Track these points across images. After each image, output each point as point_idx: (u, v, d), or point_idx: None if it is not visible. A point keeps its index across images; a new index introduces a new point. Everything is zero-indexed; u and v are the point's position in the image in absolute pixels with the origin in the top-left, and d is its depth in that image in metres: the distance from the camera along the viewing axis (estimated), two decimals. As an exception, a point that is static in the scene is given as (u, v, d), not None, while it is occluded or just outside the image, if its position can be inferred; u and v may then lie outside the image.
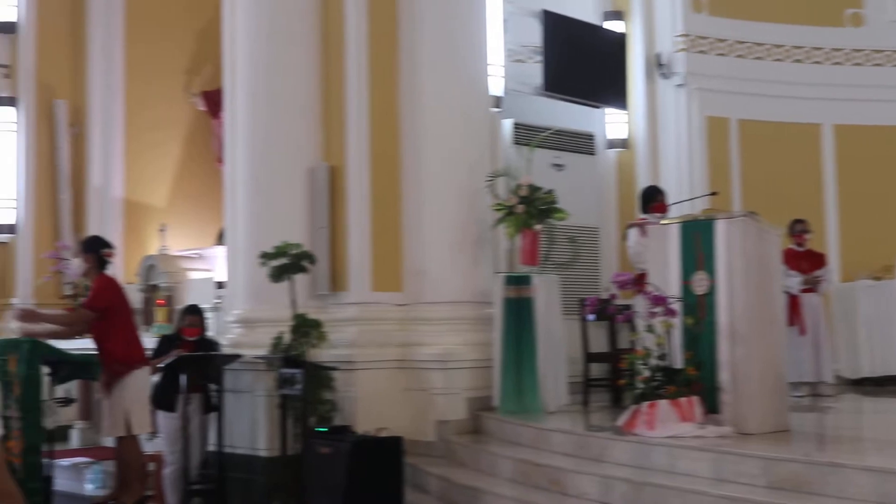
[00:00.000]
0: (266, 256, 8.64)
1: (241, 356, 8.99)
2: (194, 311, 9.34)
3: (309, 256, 8.77)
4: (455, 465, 8.40)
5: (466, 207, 9.34)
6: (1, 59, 13.63)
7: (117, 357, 7.74)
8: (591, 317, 8.82)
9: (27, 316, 8.35)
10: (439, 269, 9.25)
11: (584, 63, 10.86)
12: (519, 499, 7.01)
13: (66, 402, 9.24)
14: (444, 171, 9.34)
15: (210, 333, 9.56)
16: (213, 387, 8.97)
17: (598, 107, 11.48)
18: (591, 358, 9.77)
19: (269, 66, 9.77)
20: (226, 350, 9.35)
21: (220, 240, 12.03)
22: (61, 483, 9.22)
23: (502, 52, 10.47)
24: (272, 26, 9.77)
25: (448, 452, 8.65)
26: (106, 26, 13.73)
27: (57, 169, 13.68)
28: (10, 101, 13.52)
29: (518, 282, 8.98)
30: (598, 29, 11.62)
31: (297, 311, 8.68)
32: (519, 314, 8.87)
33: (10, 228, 13.35)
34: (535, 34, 10.68)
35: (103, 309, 7.79)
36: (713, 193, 10.06)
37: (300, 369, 8.10)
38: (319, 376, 8.46)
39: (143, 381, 7.93)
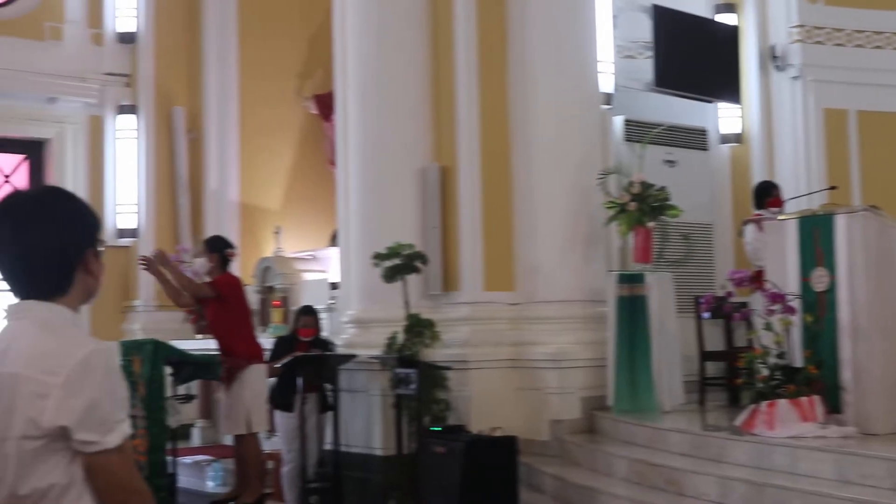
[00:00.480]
0: (379, 257, 8.69)
1: (355, 356, 9.06)
2: (309, 312, 9.45)
3: (421, 256, 8.79)
4: (570, 464, 8.34)
5: (578, 205, 9.27)
6: (121, 68, 13.97)
7: (236, 352, 7.86)
8: (706, 315, 8.66)
9: (160, 257, 8.49)
10: (551, 268, 9.19)
11: (695, 57, 10.67)
12: (635, 499, 6.94)
13: (188, 398, 9.41)
14: (556, 169, 9.28)
15: (324, 334, 9.66)
16: (328, 386, 9.06)
17: (710, 101, 11.27)
18: (706, 356, 9.58)
19: (379, 68, 9.83)
20: (340, 350, 9.44)
21: (333, 241, 12.17)
22: (184, 480, 9.39)
23: (612, 49, 10.35)
24: (382, 29, 9.82)
25: (562, 452, 8.59)
26: (220, 35, 13.98)
27: (175, 174, 13.99)
28: (131, 110, 13.86)
29: (631, 280, 8.87)
30: (710, 22, 11.41)
31: (410, 312, 8.72)
32: (632, 312, 8.76)
33: (132, 233, 13.68)
34: (645, 30, 10.53)
35: (221, 294, 7.88)
36: (832, 188, 9.77)
37: (415, 369, 8.12)
38: (433, 376, 8.48)
39: (260, 380, 8.04)
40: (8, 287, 2.67)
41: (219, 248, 8.22)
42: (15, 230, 2.59)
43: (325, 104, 13.33)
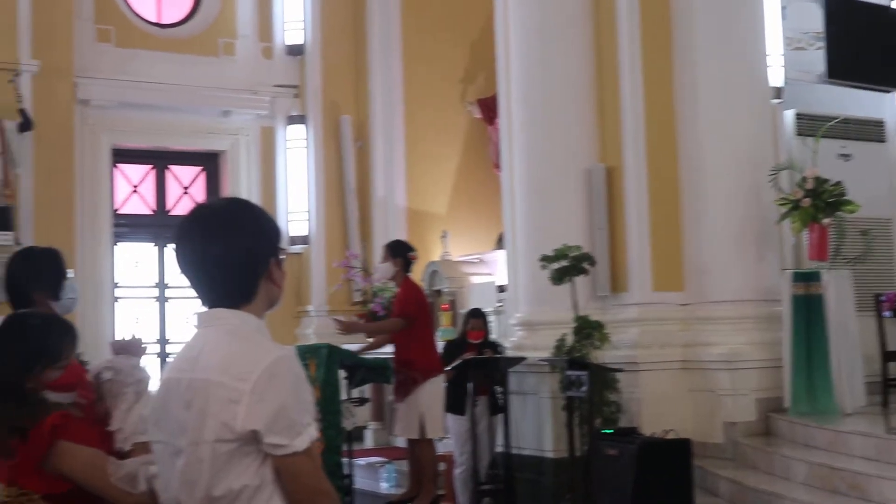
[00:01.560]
0: (546, 259, 8.65)
1: (524, 358, 9.04)
2: (478, 315, 9.48)
3: (589, 258, 8.72)
4: (746, 468, 8.13)
5: (748, 203, 9.03)
6: (290, 80, 14.32)
7: (416, 365, 7.90)
8: (887, 313, 8.33)
9: (349, 327, 8.61)
10: (722, 267, 8.98)
11: (870, 46, 10.24)
12: (816, 504, 6.71)
13: (361, 401, 9.56)
14: (724, 167, 9.06)
15: (493, 336, 9.67)
16: (498, 389, 9.06)
17: (887, 91, 10.82)
18: (889, 356, 9.20)
19: (542, 70, 9.79)
20: (509, 353, 9.43)
21: (499, 244, 12.19)
22: (359, 482, 9.54)
23: (781, 41, 10.03)
24: (544, 30, 9.79)
25: (737, 455, 8.38)
26: (384, 44, 14.17)
27: (344, 181, 14.24)
28: (300, 120, 14.19)
29: (807, 278, 8.58)
30: (887, 10, 10.94)
31: (578, 313, 8.65)
32: (808, 312, 8.47)
33: (303, 240, 13.99)
34: (815, 19, 10.17)
35: (414, 316, 7.96)
36: None
37: (585, 371, 8.04)
38: (603, 378, 8.39)
39: (438, 388, 8.08)
40: (196, 295, 2.75)
41: (402, 253, 8.30)
42: (202, 241, 2.67)
43: (489, 108, 13.38)
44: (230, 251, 2.66)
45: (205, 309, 2.73)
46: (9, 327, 3.69)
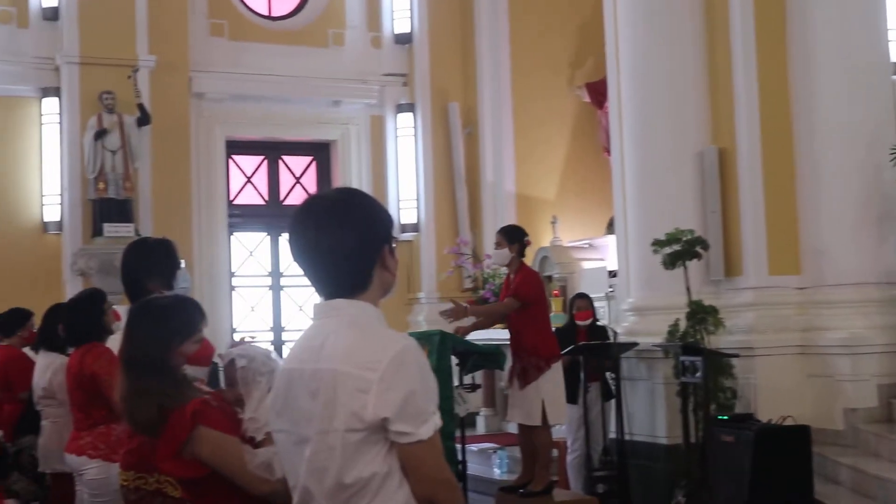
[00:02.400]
0: (658, 244, 8.52)
1: (637, 344, 8.94)
2: (582, 297, 9.48)
3: (702, 242, 8.55)
4: (867, 455, 7.93)
5: (867, 183, 8.76)
6: (399, 69, 14.39)
7: (538, 352, 7.83)
8: None
9: (458, 312, 8.62)
10: (841, 250, 8.74)
11: None
12: (944, 493, 6.50)
13: (473, 388, 9.55)
14: (842, 146, 8.81)
15: (604, 322, 9.59)
16: (610, 375, 8.98)
17: None
18: None
19: (651, 51, 9.64)
20: (621, 338, 9.34)
21: (610, 229, 12.07)
22: (471, 467, 9.55)
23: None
24: (653, 11, 9.63)
25: (858, 442, 8.17)
26: (492, 30, 14.14)
27: (453, 168, 14.26)
28: (409, 108, 14.26)
29: (931, 259, 8.31)
30: None
31: (691, 298, 8.50)
32: (934, 294, 8.21)
33: (413, 227, 14.06)
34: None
35: (529, 299, 7.92)
36: None
37: (700, 357, 7.91)
38: (718, 363, 8.24)
39: (558, 374, 8.01)
40: (312, 286, 2.78)
41: (518, 238, 8.22)
42: (317, 232, 2.69)
43: (598, 92, 13.26)
44: (343, 240, 2.68)
45: (322, 300, 2.76)
46: (144, 309, 3.84)
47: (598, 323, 9.58)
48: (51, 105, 12.52)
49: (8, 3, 12.50)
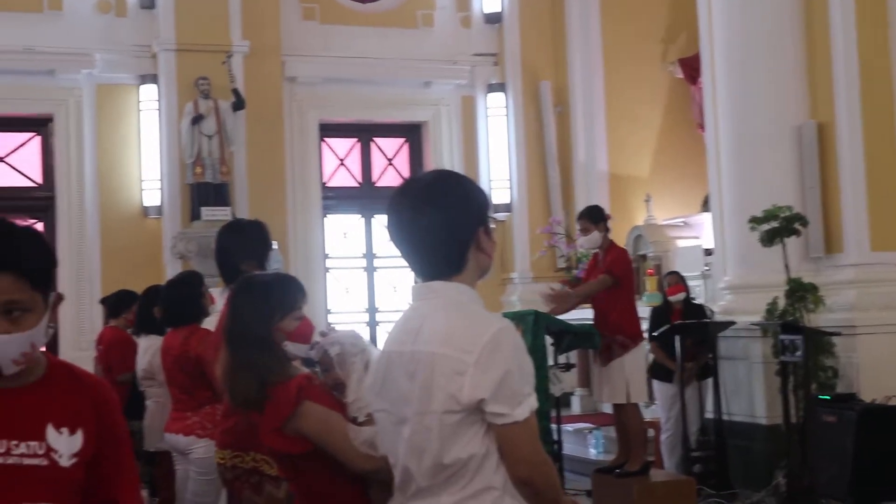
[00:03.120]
0: (755, 221, 8.35)
1: (734, 323, 8.80)
2: (672, 273, 9.53)
3: (800, 218, 8.36)
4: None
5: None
6: (489, 48, 14.34)
7: (622, 330, 7.80)
8: None
9: (559, 298, 8.59)
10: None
11: None
12: None
13: (567, 367, 9.52)
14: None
15: (700, 300, 9.46)
16: (707, 354, 8.86)
17: None
18: None
19: (746, 24, 9.45)
20: (717, 317, 9.21)
21: (705, 206, 11.90)
22: (567, 447, 9.53)
23: None
24: (748, -17, 9.46)
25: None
26: (583, 7, 14.02)
27: (545, 148, 14.19)
28: (500, 88, 14.22)
29: None
30: None
31: (790, 276, 8.33)
32: None
33: (506, 207, 14.03)
34: None
35: (621, 277, 7.88)
36: None
37: (800, 335, 7.75)
38: (819, 342, 8.07)
39: (641, 354, 7.98)
40: (409, 268, 2.79)
41: (602, 218, 8.19)
42: (414, 214, 2.70)
43: (691, 67, 13.06)
44: (440, 223, 2.68)
45: (419, 282, 2.78)
46: (247, 285, 3.91)
47: (694, 301, 9.45)
48: (149, 92, 12.74)
49: (104, -9, 12.78)
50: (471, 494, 2.58)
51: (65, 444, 2.37)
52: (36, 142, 13.00)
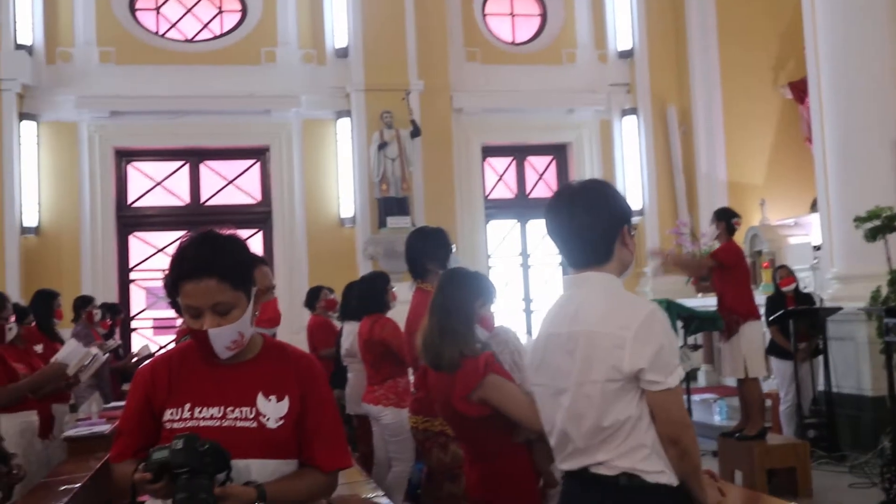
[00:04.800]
0: (859, 220, 8.06)
1: (841, 308, 8.52)
2: (783, 267, 9.22)
3: (899, 218, 8.02)
4: None
5: None
6: (622, 79, 14.20)
7: (736, 310, 7.65)
8: None
9: (667, 258, 8.47)
10: None
11: None
12: None
13: (695, 347, 9.39)
14: None
15: (809, 290, 9.19)
16: (818, 336, 8.60)
17: None
18: None
19: (848, 51, 9.19)
20: (826, 304, 8.92)
21: (813, 208, 11.52)
22: (694, 415, 9.39)
23: None
24: (849, 13, 9.17)
25: None
26: (703, 42, 13.76)
27: (671, 161, 13.96)
28: (632, 112, 14.06)
29: None
30: None
31: (892, 267, 8.00)
32: None
33: (639, 212, 13.87)
34: None
35: (722, 261, 7.72)
36: None
37: (900, 318, 7.43)
38: (919, 324, 7.72)
39: (756, 332, 7.78)
40: (564, 260, 2.82)
41: (726, 218, 8.02)
42: (570, 214, 2.71)
43: (799, 89, 12.69)
44: (592, 221, 2.69)
45: (572, 272, 2.78)
46: (456, 273, 3.95)
47: (804, 291, 9.17)
48: (343, 125, 12.99)
49: (310, 46, 13.13)
50: (624, 452, 2.57)
51: (272, 410, 2.41)
52: (256, 167, 13.40)
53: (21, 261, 11.86)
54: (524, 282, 14.25)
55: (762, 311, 8.48)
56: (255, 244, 12.99)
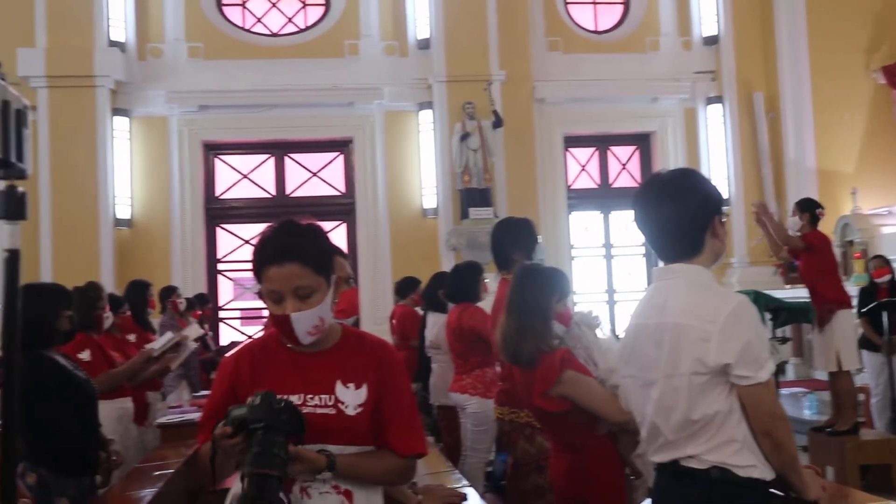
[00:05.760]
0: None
1: (938, 299, 8.25)
2: (878, 257, 9.04)
3: None
4: None
5: None
6: (707, 67, 13.95)
7: (826, 297, 7.49)
8: None
9: (761, 207, 8.31)
10: None
11: None
12: None
13: (783, 340, 9.19)
14: None
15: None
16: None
17: None
18: None
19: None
20: (923, 295, 8.65)
21: (908, 197, 11.18)
22: (784, 409, 9.18)
23: None
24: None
25: None
26: (790, 25, 13.41)
27: (758, 149, 13.67)
28: (718, 100, 13.82)
29: None
30: None
31: None
32: None
33: (725, 201, 13.52)
34: None
35: (812, 246, 7.54)
36: None
37: None
38: None
39: (848, 323, 7.59)
40: (654, 251, 2.79)
41: (810, 208, 7.86)
42: (658, 205, 2.68)
43: (893, 74, 12.28)
44: (680, 212, 2.65)
45: (662, 264, 2.76)
46: (533, 270, 3.97)
47: (896, 280, 8.93)
48: (426, 116, 13.04)
49: (392, 38, 13.20)
50: (714, 446, 2.55)
51: (351, 397, 2.44)
52: (340, 159, 13.53)
53: (115, 253, 12.22)
54: (608, 273, 14.13)
55: (854, 302, 8.29)
56: (339, 236, 13.16)
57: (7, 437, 2.06)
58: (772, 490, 2.60)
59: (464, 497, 3.80)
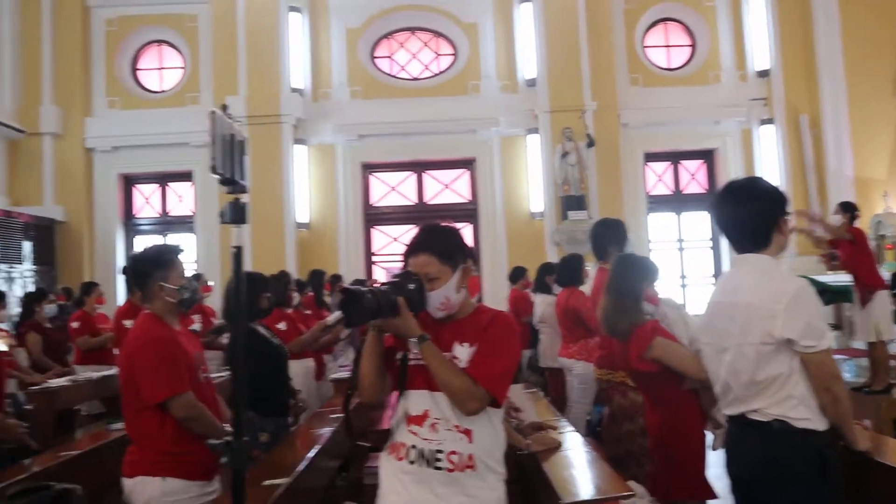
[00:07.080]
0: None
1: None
2: None
3: None
4: None
5: None
6: (760, 94, 13.39)
7: (864, 281, 7.10)
8: None
9: (803, 214, 7.93)
10: None
11: None
12: None
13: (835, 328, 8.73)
14: None
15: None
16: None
17: None
18: None
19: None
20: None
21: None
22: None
23: None
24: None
25: None
26: (829, 57, 12.78)
27: (804, 161, 13.04)
28: (769, 122, 13.24)
29: None
30: None
31: None
32: None
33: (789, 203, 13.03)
34: None
35: (854, 237, 7.16)
36: None
37: None
38: None
39: (886, 300, 7.17)
40: (729, 243, 2.74)
41: (848, 210, 7.47)
42: (734, 205, 2.65)
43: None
44: (752, 211, 2.62)
45: (736, 254, 2.70)
46: (629, 258, 3.89)
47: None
48: (533, 140, 12.97)
49: (505, 79, 13.16)
50: (776, 401, 2.50)
51: (464, 353, 2.41)
52: (466, 175, 13.53)
53: (297, 248, 12.62)
54: (680, 264, 13.74)
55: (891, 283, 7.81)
56: (467, 235, 13.20)
57: (237, 383, 2.17)
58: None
59: (560, 444, 3.73)
